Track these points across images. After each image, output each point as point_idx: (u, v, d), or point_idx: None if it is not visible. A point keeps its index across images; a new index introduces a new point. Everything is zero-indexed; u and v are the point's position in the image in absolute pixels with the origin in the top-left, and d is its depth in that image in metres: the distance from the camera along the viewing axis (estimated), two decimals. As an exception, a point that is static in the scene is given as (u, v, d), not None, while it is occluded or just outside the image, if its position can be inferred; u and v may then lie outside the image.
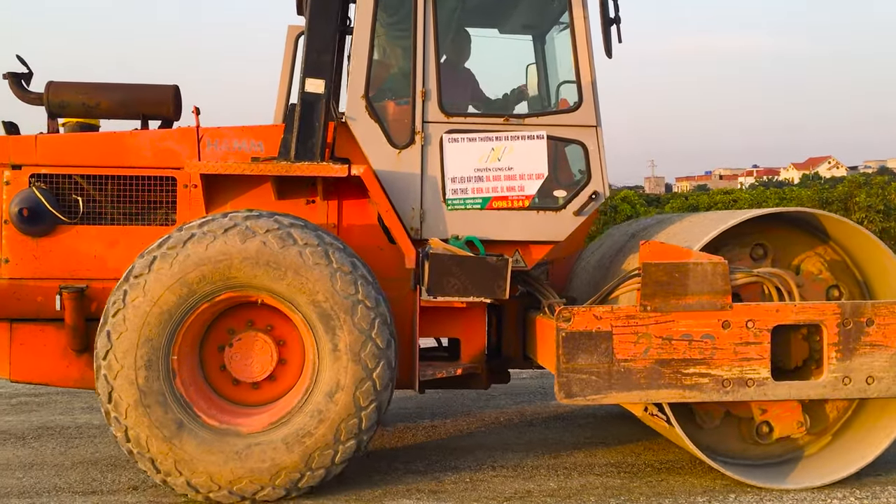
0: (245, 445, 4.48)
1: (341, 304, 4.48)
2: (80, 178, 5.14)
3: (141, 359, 4.43)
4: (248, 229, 4.48)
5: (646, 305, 4.66)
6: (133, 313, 4.43)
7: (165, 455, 4.42)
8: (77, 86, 5.25)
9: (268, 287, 4.51)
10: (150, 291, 4.43)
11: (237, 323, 4.77)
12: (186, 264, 4.43)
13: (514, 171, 5.15)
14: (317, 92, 5.01)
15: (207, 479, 4.42)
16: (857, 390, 4.79)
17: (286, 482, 4.47)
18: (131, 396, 4.42)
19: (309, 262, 4.47)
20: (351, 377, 4.49)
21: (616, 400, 4.70)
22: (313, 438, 4.48)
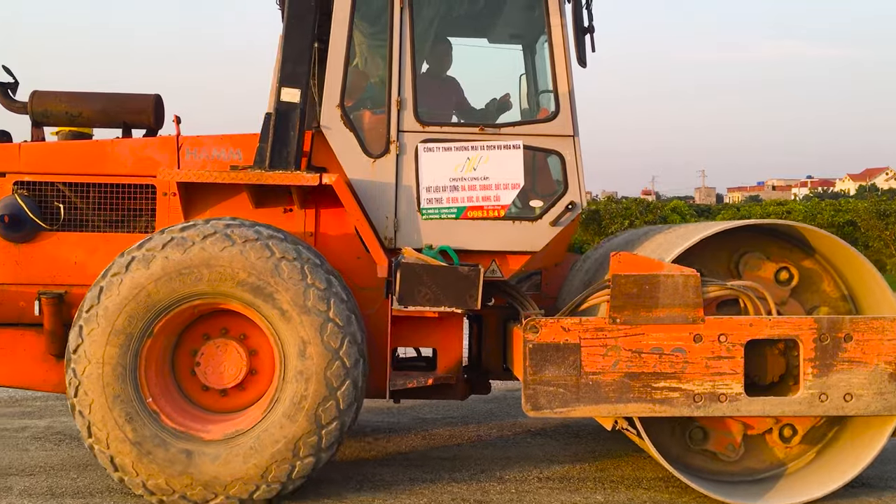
0: (201, 452, 4.49)
1: (312, 321, 4.49)
2: (63, 186, 5.22)
3: (109, 357, 4.47)
4: (228, 237, 4.51)
5: (615, 318, 4.60)
6: (105, 312, 4.48)
7: (124, 455, 4.46)
8: (60, 95, 5.34)
9: (239, 296, 4.53)
10: (123, 291, 4.48)
11: (212, 329, 4.80)
12: (160, 268, 4.48)
13: (489, 181, 5.12)
14: (292, 101, 5.03)
15: (163, 483, 4.45)
16: (834, 407, 4.68)
17: (240, 492, 4.48)
18: (97, 393, 4.46)
19: (284, 275, 4.49)
20: (314, 393, 4.50)
21: (584, 413, 4.63)
22: (271, 452, 4.48)
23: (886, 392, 4.66)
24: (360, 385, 4.61)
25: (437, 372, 5.29)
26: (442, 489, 5.05)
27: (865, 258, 4.83)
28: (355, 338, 4.58)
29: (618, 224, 22.77)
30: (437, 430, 6.58)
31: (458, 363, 5.30)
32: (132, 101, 5.39)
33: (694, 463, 5.07)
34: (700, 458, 5.07)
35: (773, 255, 5.05)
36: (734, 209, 32.08)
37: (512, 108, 5.82)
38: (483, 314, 5.59)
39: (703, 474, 5.04)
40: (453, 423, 6.80)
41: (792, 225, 4.93)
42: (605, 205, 24.93)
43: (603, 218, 23.39)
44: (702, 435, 5.00)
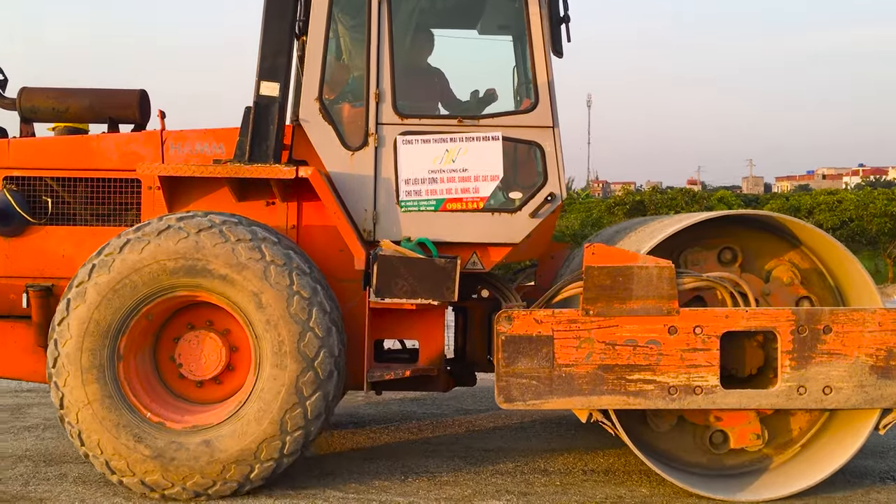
0: (166, 440, 4.58)
1: (276, 296, 4.54)
2: (51, 181, 5.32)
3: (90, 334, 4.57)
4: (181, 229, 4.57)
5: (588, 310, 4.58)
6: (94, 287, 4.57)
7: (91, 431, 4.56)
8: (48, 91, 5.43)
9: (206, 287, 4.60)
10: (89, 298, 4.58)
11: (197, 320, 4.88)
12: (122, 270, 4.57)
13: (468, 173, 5.12)
14: (271, 95, 5.06)
15: (124, 465, 4.57)
16: (813, 400, 4.61)
17: (196, 486, 4.57)
18: (73, 366, 4.57)
19: (242, 257, 4.54)
20: (283, 400, 4.58)
21: (557, 405, 4.62)
22: (235, 451, 4.56)
23: (867, 385, 4.58)
24: (336, 353, 4.65)
25: (419, 364, 5.30)
26: (486, 480, 5.07)
27: (846, 249, 4.75)
28: (324, 307, 4.62)
29: (663, 214, 22.49)
30: (479, 421, 6.63)
31: (440, 355, 5.31)
32: (118, 97, 5.46)
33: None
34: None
35: (769, 249, 5.00)
36: (783, 199, 31.36)
37: (498, 100, 5.78)
38: (468, 306, 5.59)
39: (699, 469, 5.00)
40: (496, 415, 6.81)
41: (773, 216, 4.86)
42: (649, 195, 24.51)
43: (648, 208, 23.04)
44: (722, 438, 4.96)
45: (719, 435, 4.94)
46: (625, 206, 23.35)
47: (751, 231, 5.05)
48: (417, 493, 4.81)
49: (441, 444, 5.98)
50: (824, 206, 24.33)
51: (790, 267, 5.00)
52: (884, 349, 4.58)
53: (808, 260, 5.02)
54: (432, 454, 5.66)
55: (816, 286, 5.01)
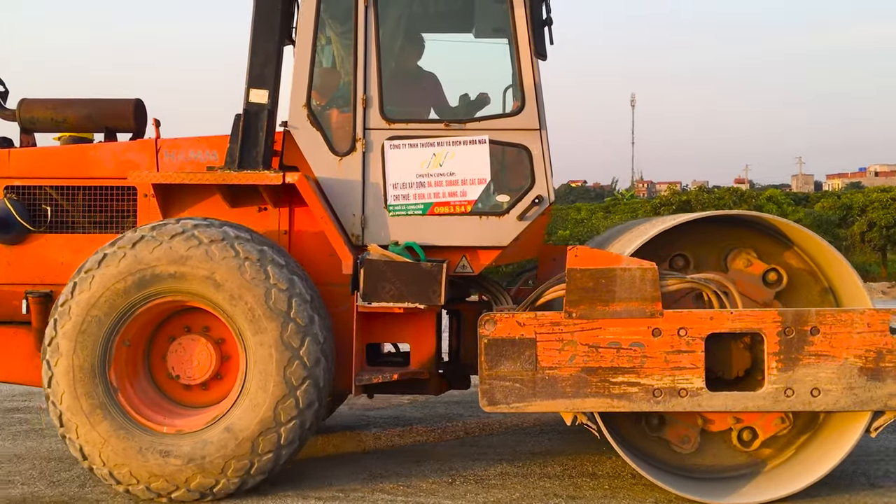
0: (165, 445, 4.64)
1: (251, 289, 4.62)
2: (51, 189, 5.44)
3: (80, 352, 4.66)
4: (154, 238, 4.71)
5: (571, 312, 4.57)
6: (77, 305, 4.67)
7: (92, 445, 4.64)
8: (46, 102, 5.56)
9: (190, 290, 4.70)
10: (94, 286, 4.67)
11: (194, 323, 4.96)
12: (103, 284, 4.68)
13: (455, 177, 5.14)
14: (260, 102, 5.13)
15: (127, 473, 4.64)
16: (800, 403, 4.55)
17: (200, 486, 4.63)
18: (66, 384, 4.66)
19: (217, 257, 4.64)
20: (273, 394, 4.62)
21: (541, 408, 4.62)
22: (232, 448, 4.62)
23: (856, 387, 4.51)
24: (321, 340, 4.71)
25: (411, 367, 5.32)
26: (534, 484, 5.07)
27: (834, 248, 4.68)
28: (304, 297, 4.70)
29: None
30: (526, 424, 6.64)
31: (432, 358, 5.33)
32: (113, 106, 5.57)
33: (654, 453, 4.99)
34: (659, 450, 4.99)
35: (763, 253, 4.95)
36: (834, 196, 30.74)
37: (490, 103, 5.80)
38: (461, 309, 5.61)
39: (666, 467, 4.97)
40: (543, 418, 6.81)
41: (761, 217, 4.81)
42: (695, 195, 24.08)
43: (694, 208, 22.78)
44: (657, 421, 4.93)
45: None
46: (671, 206, 23.05)
47: (749, 232, 5.00)
48: (465, 497, 4.81)
49: (488, 446, 6.00)
50: (877, 204, 23.87)
51: (743, 252, 4.92)
52: (873, 350, 4.51)
53: (802, 261, 4.96)
54: (479, 457, 5.68)
55: (805, 288, 4.94)
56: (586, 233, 21.22)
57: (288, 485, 4.99)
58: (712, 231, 4.94)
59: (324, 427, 6.56)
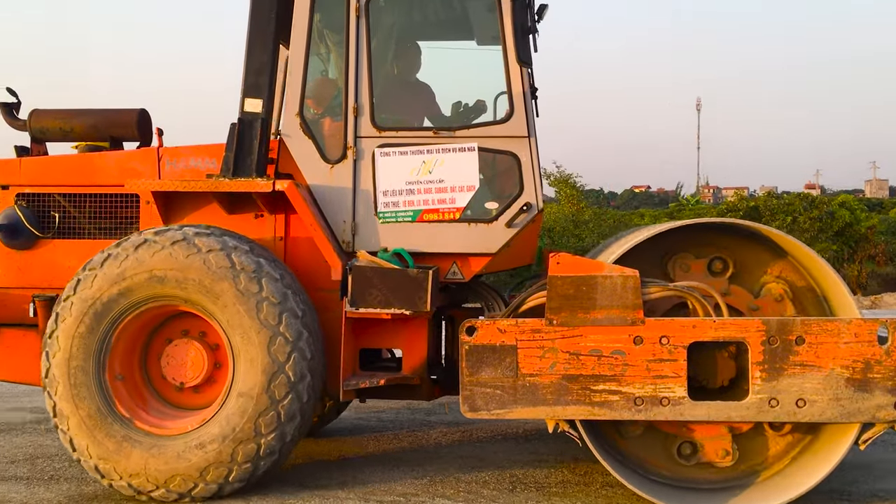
0: (151, 444, 4.76)
1: (243, 300, 4.71)
2: (59, 197, 5.63)
3: (77, 346, 4.82)
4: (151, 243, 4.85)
5: (552, 319, 4.57)
6: (79, 301, 4.83)
7: (80, 437, 4.79)
8: (55, 113, 5.75)
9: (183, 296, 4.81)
10: (78, 307, 4.83)
11: (192, 327, 5.08)
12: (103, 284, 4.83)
13: (444, 184, 5.18)
14: (255, 112, 5.24)
15: (111, 468, 4.78)
16: (785, 413, 4.48)
17: (179, 488, 4.73)
18: (62, 377, 4.82)
19: (213, 266, 4.74)
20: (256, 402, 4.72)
21: (522, 415, 4.62)
22: (213, 453, 4.71)
23: (843, 398, 4.43)
24: (308, 356, 4.78)
25: (403, 372, 5.37)
26: (596, 493, 5.07)
27: (821, 257, 4.60)
28: (295, 313, 4.78)
29: (779, 221, 21.73)
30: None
31: (424, 364, 5.36)
32: (118, 116, 5.74)
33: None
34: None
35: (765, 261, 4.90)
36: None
37: (487, 112, 5.82)
38: (456, 315, 5.63)
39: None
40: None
41: (745, 225, 4.75)
42: (764, 201, 23.64)
43: (763, 214, 22.28)
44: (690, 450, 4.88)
45: (687, 446, 4.84)
46: (738, 212, 22.62)
47: (743, 241, 4.94)
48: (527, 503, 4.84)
49: (549, 453, 6.01)
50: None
51: (782, 283, 4.86)
52: (860, 361, 4.42)
53: (798, 273, 4.88)
54: (540, 464, 5.68)
55: (810, 305, 4.86)
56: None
57: (352, 488, 5.08)
58: (711, 238, 4.89)
59: (386, 427, 6.70)
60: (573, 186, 23.89)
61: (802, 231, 21.76)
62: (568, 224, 20.37)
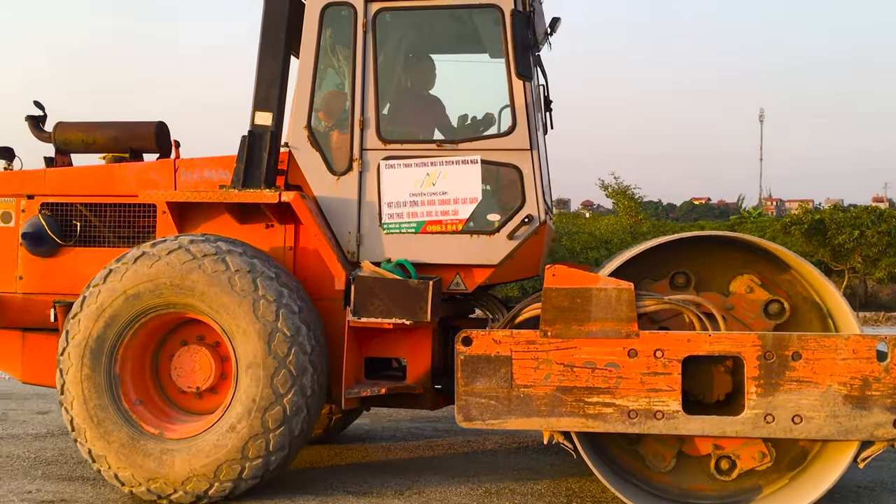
0: (165, 449, 4.90)
1: (241, 302, 4.83)
2: (81, 206, 5.84)
3: (87, 357, 4.99)
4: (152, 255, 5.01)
5: (546, 331, 4.60)
6: (85, 317, 5.00)
7: (99, 448, 4.94)
8: (78, 125, 5.97)
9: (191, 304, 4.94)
10: (100, 299, 5.00)
11: (200, 334, 5.21)
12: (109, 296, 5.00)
13: (448, 196, 5.24)
14: (265, 124, 5.38)
15: (130, 475, 4.92)
16: (781, 429, 4.43)
17: (196, 489, 4.86)
18: (76, 391, 4.98)
19: (208, 270, 4.89)
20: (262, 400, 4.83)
21: (516, 426, 4.65)
22: (224, 453, 4.83)
23: (841, 415, 4.37)
24: (308, 350, 4.88)
25: (407, 381, 5.44)
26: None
27: (820, 272, 4.55)
28: (292, 309, 4.88)
29: (845, 234, 21.34)
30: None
31: (427, 373, 5.43)
32: (137, 129, 5.93)
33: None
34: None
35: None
36: None
37: (495, 124, 5.87)
38: (461, 325, 5.67)
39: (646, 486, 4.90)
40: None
41: (744, 238, 4.72)
42: (829, 214, 23.15)
43: (829, 228, 21.85)
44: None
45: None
46: (802, 225, 22.18)
47: (701, 250, 4.91)
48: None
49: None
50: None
51: (747, 275, 4.83)
52: (859, 378, 4.35)
53: (800, 284, 4.84)
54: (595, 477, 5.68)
55: (783, 284, 4.82)
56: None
57: (409, 497, 5.15)
58: (720, 252, 4.88)
59: (441, 435, 6.78)
60: (631, 198, 23.63)
61: (870, 245, 21.24)
62: (626, 236, 20.11)
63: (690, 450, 4.85)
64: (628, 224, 22.06)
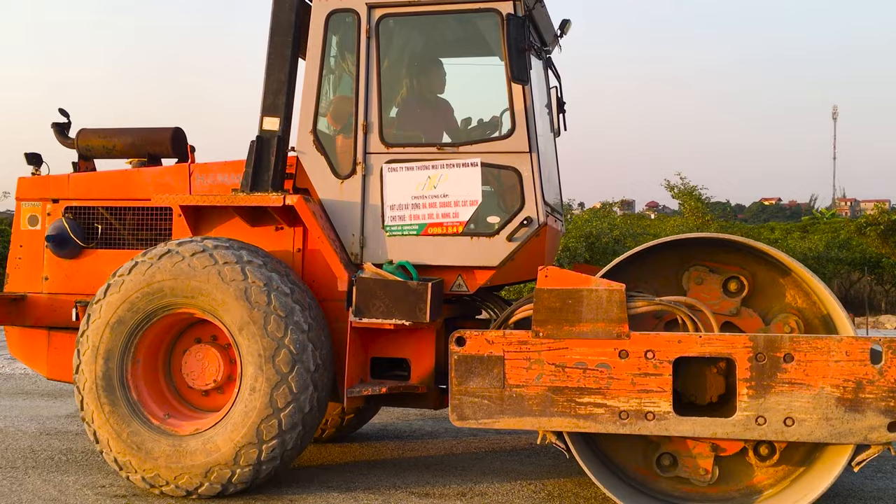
0: (166, 442, 5.07)
1: (252, 313, 4.96)
2: (103, 210, 6.07)
3: (105, 343, 5.20)
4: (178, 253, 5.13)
5: (538, 332, 4.64)
6: (107, 304, 5.22)
7: (102, 429, 5.14)
8: (99, 131, 6.21)
9: (199, 305, 5.10)
10: (105, 310, 5.21)
11: (213, 334, 5.37)
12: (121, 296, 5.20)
13: (449, 198, 5.32)
14: (272, 129, 5.53)
15: (127, 461, 5.11)
16: (773, 432, 4.40)
17: (187, 485, 5.01)
18: (89, 372, 5.20)
19: (227, 278, 5.02)
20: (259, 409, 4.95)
21: (508, 425, 4.71)
22: (217, 455, 4.98)
23: (833, 418, 4.32)
24: (312, 369, 4.99)
25: (410, 381, 5.52)
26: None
27: (814, 274, 4.51)
28: (300, 327, 4.99)
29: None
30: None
31: (431, 373, 5.51)
32: (154, 135, 6.15)
33: (661, 487, 4.94)
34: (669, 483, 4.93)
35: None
36: None
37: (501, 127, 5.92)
38: (466, 326, 5.72)
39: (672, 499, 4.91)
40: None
41: (734, 240, 4.70)
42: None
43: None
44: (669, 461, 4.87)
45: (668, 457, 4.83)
46: (878, 226, 21.64)
47: (762, 262, 4.90)
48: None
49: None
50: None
51: (794, 317, 4.78)
52: (852, 380, 4.30)
53: (809, 300, 4.80)
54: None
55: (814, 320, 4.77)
56: (780, 254, 19.96)
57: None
58: (732, 257, 4.88)
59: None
60: (698, 198, 23.26)
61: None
62: None
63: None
64: (695, 225, 21.60)
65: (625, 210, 36.92)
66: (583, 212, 30.73)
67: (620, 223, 21.84)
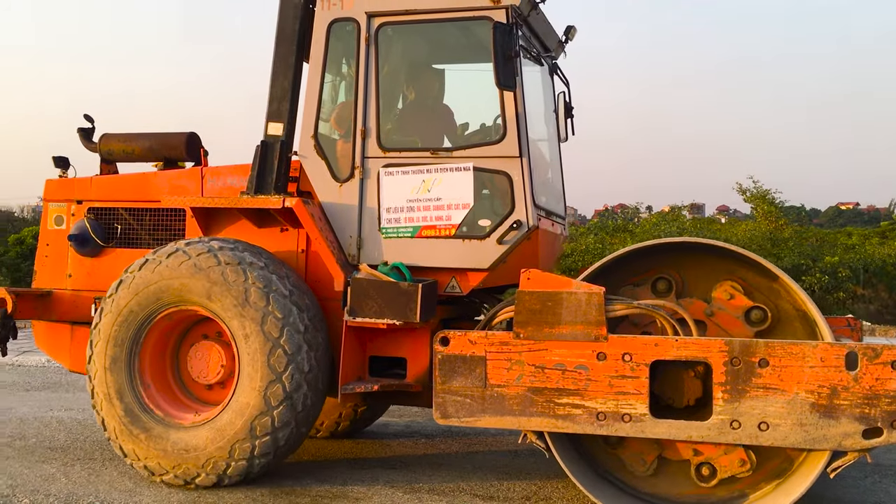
0: (153, 426, 5.32)
1: (251, 313, 5.16)
2: (122, 210, 6.37)
3: (115, 335, 5.47)
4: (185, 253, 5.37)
5: (519, 333, 4.74)
6: (119, 298, 5.49)
7: (110, 417, 5.40)
8: (120, 136, 6.51)
9: (199, 303, 5.33)
10: (116, 305, 5.48)
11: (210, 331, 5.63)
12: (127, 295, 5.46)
13: (442, 202, 5.45)
14: (276, 134, 5.74)
15: (131, 448, 5.37)
16: (747, 436, 4.43)
17: (185, 475, 5.24)
18: (100, 362, 5.48)
19: (230, 279, 5.23)
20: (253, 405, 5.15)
21: (489, 424, 4.81)
22: (214, 448, 5.18)
23: (807, 423, 4.33)
24: (305, 370, 5.16)
25: (406, 380, 5.67)
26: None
27: (793, 280, 4.51)
28: (297, 328, 5.18)
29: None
30: None
31: (426, 372, 5.63)
32: (170, 139, 6.42)
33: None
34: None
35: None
36: None
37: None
38: (463, 327, 5.84)
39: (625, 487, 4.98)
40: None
41: (713, 245, 4.72)
42: None
43: None
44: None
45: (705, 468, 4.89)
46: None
47: (686, 256, 4.96)
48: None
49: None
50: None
51: (730, 285, 4.87)
52: (826, 386, 4.30)
53: (750, 270, 4.84)
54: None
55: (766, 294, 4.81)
56: (858, 260, 19.55)
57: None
58: (706, 258, 4.93)
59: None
60: (771, 203, 22.77)
61: None
62: (765, 242, 19.34)
63: (671, 454, 4.90)
64: (767, 230, 21.04)
65: (694, 214, 36.28)
66: (650, 215, 30.42)
67: (690, 227, 21.56)
